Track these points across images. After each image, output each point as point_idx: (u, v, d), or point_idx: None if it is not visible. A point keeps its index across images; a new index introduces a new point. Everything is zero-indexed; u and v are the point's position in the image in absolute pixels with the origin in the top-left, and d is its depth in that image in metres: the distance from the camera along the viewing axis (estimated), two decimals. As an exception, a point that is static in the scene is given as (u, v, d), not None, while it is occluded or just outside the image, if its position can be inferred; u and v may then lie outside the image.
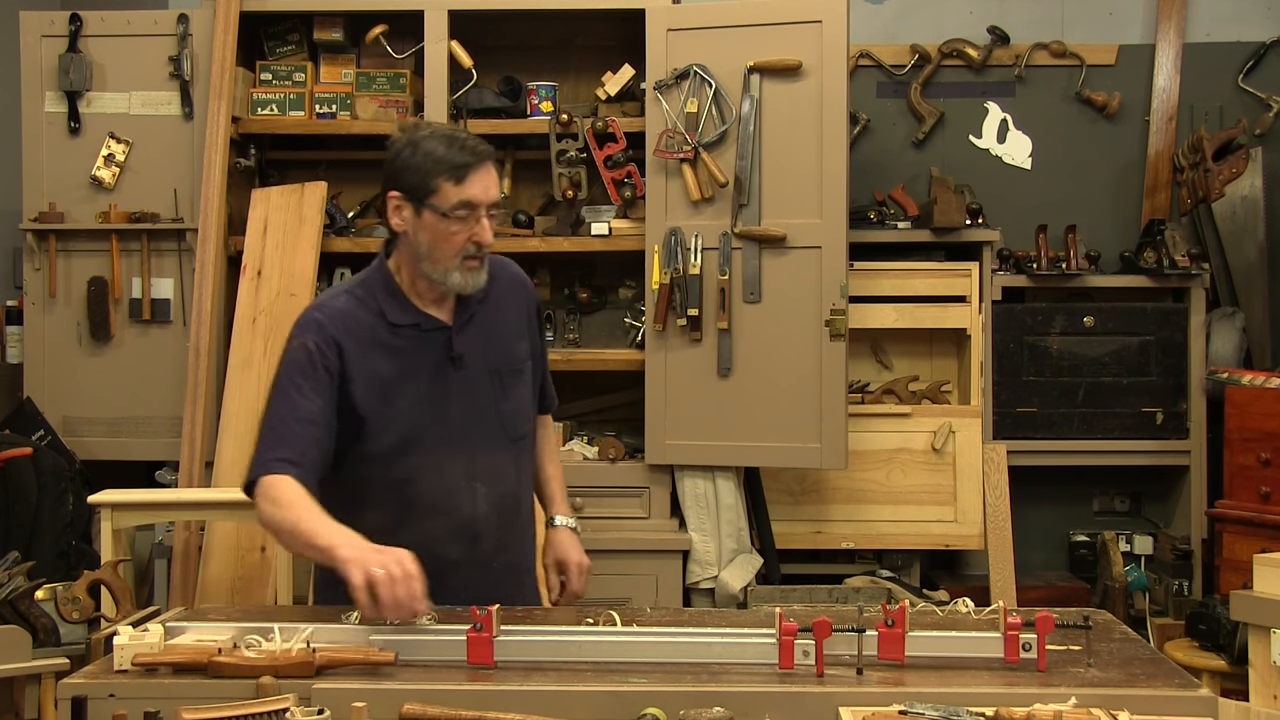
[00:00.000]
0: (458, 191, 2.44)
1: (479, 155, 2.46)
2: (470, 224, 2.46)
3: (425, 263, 2.49)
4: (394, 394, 2.50)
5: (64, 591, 3.30)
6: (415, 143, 2.47)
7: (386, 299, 2.54)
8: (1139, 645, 2.24)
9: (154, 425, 4.40)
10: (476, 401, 2.57)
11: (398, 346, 2.52)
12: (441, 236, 2.46)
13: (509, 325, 2.64)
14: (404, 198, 2.47)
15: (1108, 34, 5.08)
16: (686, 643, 2.11)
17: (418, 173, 2.45)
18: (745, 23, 4.14)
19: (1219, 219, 4.90)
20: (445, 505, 2.53)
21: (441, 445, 2.53)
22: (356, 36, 4.50)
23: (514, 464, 2.64)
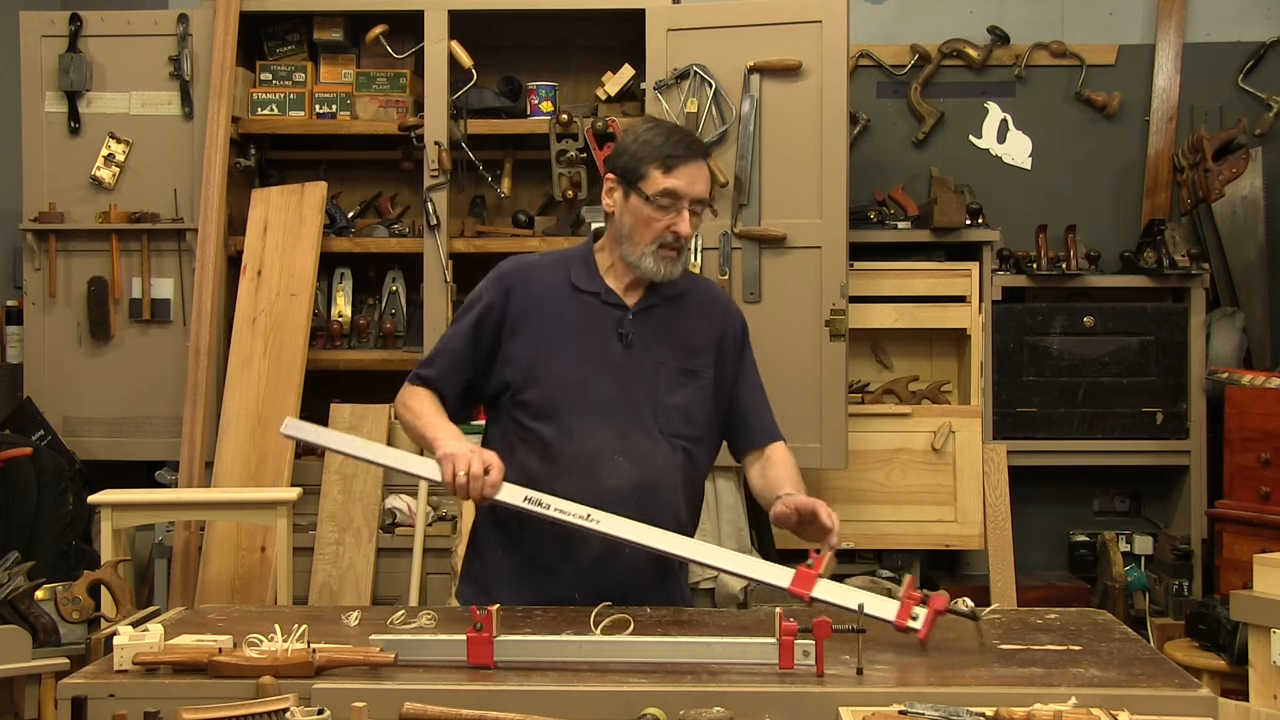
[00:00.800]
0: (665, 180, 2.52)
1: (693, 150, 2.56)
2: (671, 214, 2.53)
3: (625, 245, 2.58)
4: (553, 352, 2.59)
5: (64, 591, 3.31)
6: (636, 131, 2.59)
7: (579, 266, 2.64)
8: (1139, 645, 2.24)
9: (154, 425, 4.41)
10: (638, 384, 2.59)
11: (572, 309, 2.60)
12: (643, 221, 2.54)
13: (694, 331, 2.67)
14: (617, 180, 2.58)
15: (1108, 34, 5.08)
16: (686, 643, 2.11)
17: (633, 157, 2.55)
18: (745, 23, 4.14)
19: (1219, 219, 4.90)
20: (587, 471, 2.54)
21: (592, 412, 2.57)
22: (356, 36, 4.50)
23: (668, 459, 2.61)
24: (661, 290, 2.62)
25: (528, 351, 2.60)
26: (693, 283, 2.72)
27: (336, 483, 4.22)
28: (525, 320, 2.61)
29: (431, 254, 4.32)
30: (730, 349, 2.72)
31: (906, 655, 2.16)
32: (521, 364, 2.60)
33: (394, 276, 4.59)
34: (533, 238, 4.45)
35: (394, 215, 4.67)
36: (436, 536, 4.12)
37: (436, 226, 4.31)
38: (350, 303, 4.57)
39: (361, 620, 2.35)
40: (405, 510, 4.21)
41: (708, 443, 2.71)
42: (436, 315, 4.31)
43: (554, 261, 2.69)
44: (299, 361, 4.20)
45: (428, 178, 4.32)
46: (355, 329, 4.55)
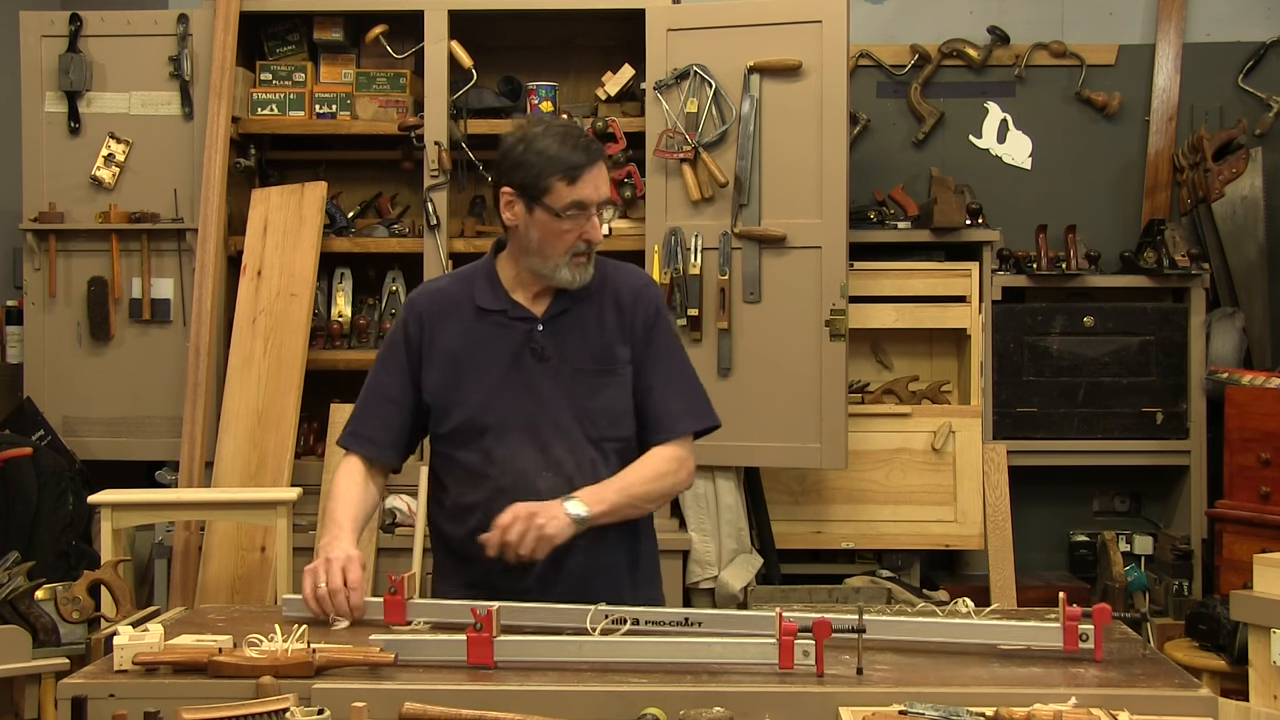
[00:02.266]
0: (571, 192, 2.47)
1: (591, 155, 2.49)
2: (581, 222, 2.48)
3: (535, 258, 2.52)
4: (466, 376, 2.55)
5: (64, 591, 3.31)
6: (529, 140, 2.50)
7: (482, 284, 2.59)
8: (1139, 645, 2.24)
9: (154, 425, 4.41)
10: (556, 395, 2.54)
11: (480, 331, 2.56)
12: (553, 234, 2.49)
13: (610, 327, 2.59)
14: (516, 194, 2.50)
15: (1108, 34, 5.08)
16: (686, 643, 2.11)
17: (531, 171, 2.47)
18: (745, 23, 4.14)
19: (1219, 219, 4.90)
20: (516, 493, 2.48)
21: (513, 433, 2.53)
22: (356, 36, 4.50)
23: (598, 466, 2.55)
24: (567, 295, 2.56)
25: (441, 380, 2.56)
26: (604, 275, 2.61)
27: (336, 483, 4.21)
28: (435, 348, 2.56)
29: (431, 254, 4.32)
30: (645, 336, 2.61)
31: (906, 655, 2.16)
32: (437, 393, 2.56)
33: (394, 276, 4.59)
34: (533, 238, 4.45)
35: (394, 215, 4.67)
36: (436, 536, 4.12)
37: (436, 226, 4.31)
38: (350, 303, 4.57)
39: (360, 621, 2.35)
40: (405, 510, 4.21)
41: (639, 439, 2.62)
42: (436, 315, 4.31)
43: (458, 283, 2.62)
44: (299, 361, 4.20)
45: (428, 178, 4.32)
46: (355, 329, 4.55)
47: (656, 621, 2.24)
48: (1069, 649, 2.12)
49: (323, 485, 4.19)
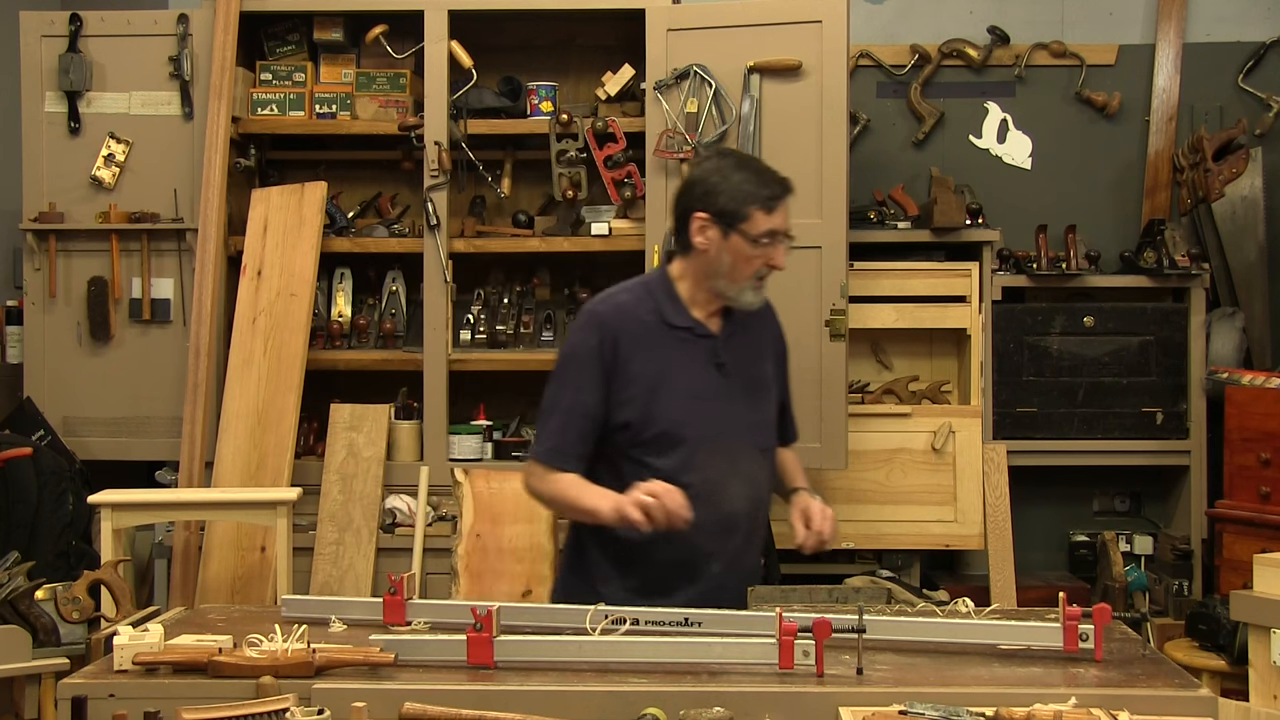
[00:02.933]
0: (767, 221, 2.65)
1: (786, 187, 2.70)
2: (769, 250, 2.66)
3: (722, 280, 2.69)
4: (662, 389, 2.70)
5: (64, 591, 3.31)
6: (724, 170, 2.69)
7: (665, 301, 2.74)
8: (1139, 645, 2.24)
9: (154, 425, 4.40)
10: (735, 407, 2.75)
11: (670, 346, 2.72)
12: (744, 259, 2.66)
13: (762, 347, 2.84)
14: (712, 220, 2.66)
15: (1108, 34, 5.08)
16: (686, 643, 2.11)
17: (732, 199, 2.65)
18: (745, 23, 4.14)
19: (1219, 219, 4.90)
20: (709, 498, 2.66)
21: (705, 442, 2.70)
22: (356, 36, 4.50)
23: (766, 472, 2.82)
24: (735, 314, 2.76)
25: (640, 391, 2.70)
26: None
27: (336, 483, 4.22)
28: (631, 361, 2.70)
29: (431, 254, 4.32)
30: (779, 353, 2.91)
31: (906, 655, 2.17)
32: (637, 404, 2.70)
33: (394, 276, 4.59)
34: (533, 238, 4.45)
35: (394, 215, 4.67)
36: (436, 536, 4.13)
37: (436, 226, 4.31)
38: (350, 303, 4.57)
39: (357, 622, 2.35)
40: (405, 510, 4.21)
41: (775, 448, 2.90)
42: (436, 315, 4.31)
43: (639, 298, 2.77)
44: (299, 361, 4.20)
45: (428, 178, 4.32)
46: (355, 329, 4.55)
47: (656, 621, 2.24)
48: (1069, 649, 2.12)
49: (323, 486, 4.20)
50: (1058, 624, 2.14)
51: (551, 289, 4.62)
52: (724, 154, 2.82)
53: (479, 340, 4.41)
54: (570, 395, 2.71)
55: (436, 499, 4.21)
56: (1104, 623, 2.13)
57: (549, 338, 4.45)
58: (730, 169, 2.69)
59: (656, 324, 2.72)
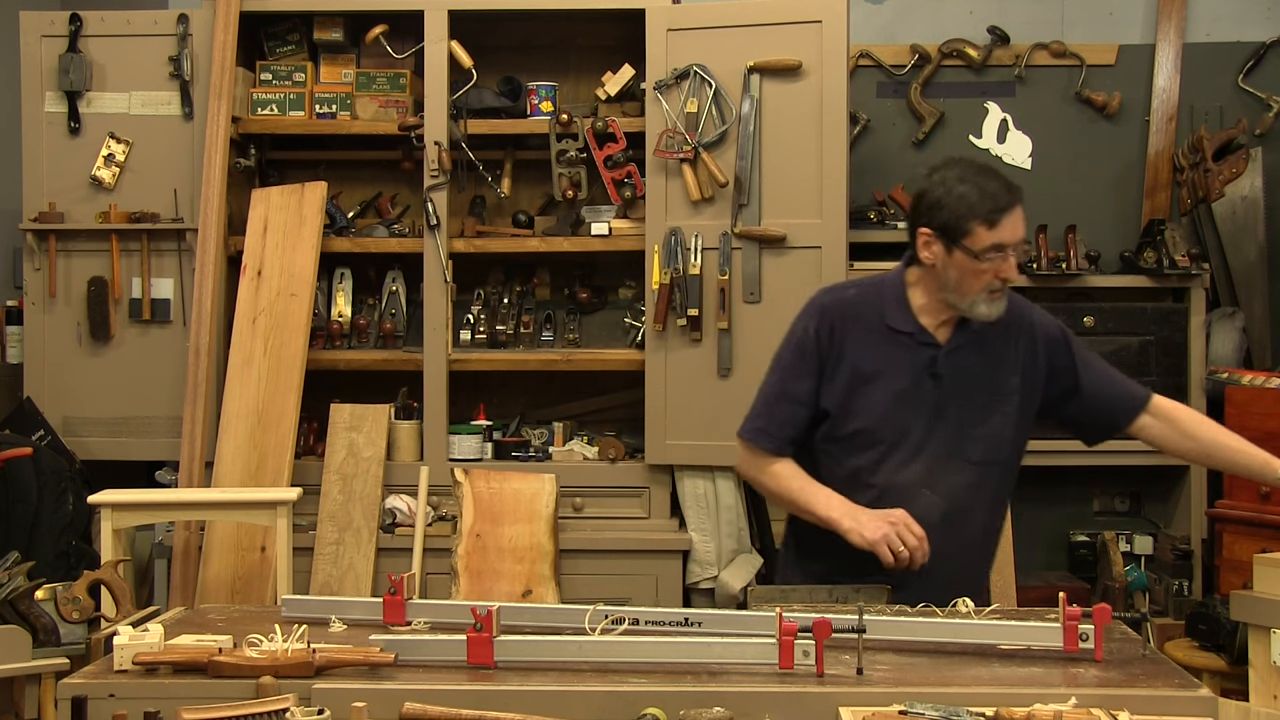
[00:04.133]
0: (991, 235, 2.61)
1: (1013, 197, 2.64)
2: (998, 262, 2.63)
3: (951, 294, 2.69)
4: (868, 389, 2.72)
5: (64, 591, 3.30)
6: (947, 183, 2.66)
7: (892, 304, 2.75)
8: (1139, 645, 2.24)
9: (154, 425, 4.40)
10: (948, 419, 2.73)
11: (886, 348, 2.73)
12: (971, 274, 2.64)
13: (1003, 359, 2.78)
14: (935, 235, 2.66)
15: (1108, 34, 5.08)
16: (686, 643, 2.11)
17: (952, 214, 2.63)
18: (745, 23, 4.14)
19: (1219, 219, 4.90)
20: (894, 503, 2.68)
21: (901, 449, 2.72)
22: (356, 36, 4.50)
23: (975, 488, 2.76)
24: (970, 325, 2.72)
25: (844, 385, 2.74)
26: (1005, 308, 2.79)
27: (336, 483, 4.22)
28: (843, 355, 2.74)
29: (431, 254, 4.32)
30: (1042, 360, 2.80)
31: (906, 655, 2.17)
32: (839, 396, 2.74)
33: (394, 276, 4.59)
34: (533, 238, 4.45)
35: (394, 215, 4.67)
36: (436, 536, 4.13)
37: (436, 226, 4.31)
38: (350, 303, 4.57)
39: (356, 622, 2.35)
40: (405, 510, 4.21)
41: (1013, 460, 2.85)
42: (436, 315, 4.31)
43: (868, 296, 2.79)
44: (299, 361, 4.20)
45: (428, 178, 4.32)
46: (355, 329, 4.55)
47: (656, 621, 2.24)
48: (1069, 649, 2.12)
49: (323, 486, 4.20)
50: (1058, 624, 2.14)
51: (551, 289, 4.62)
52: (951, 164, 2.74)
53: (479, 340, 4.41)
54: (780, 378, 2.79)
55: (436, 499, 4.21)
56: (1104, 623, 2.13)
57: (549, 338, 4.45)
58: (954, 181, 2.65)
59: (878, 324, 2.74)
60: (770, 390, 2.83)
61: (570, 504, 4.23)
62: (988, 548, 2.91)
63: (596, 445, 4.35)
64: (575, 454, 4.33)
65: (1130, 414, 2.86)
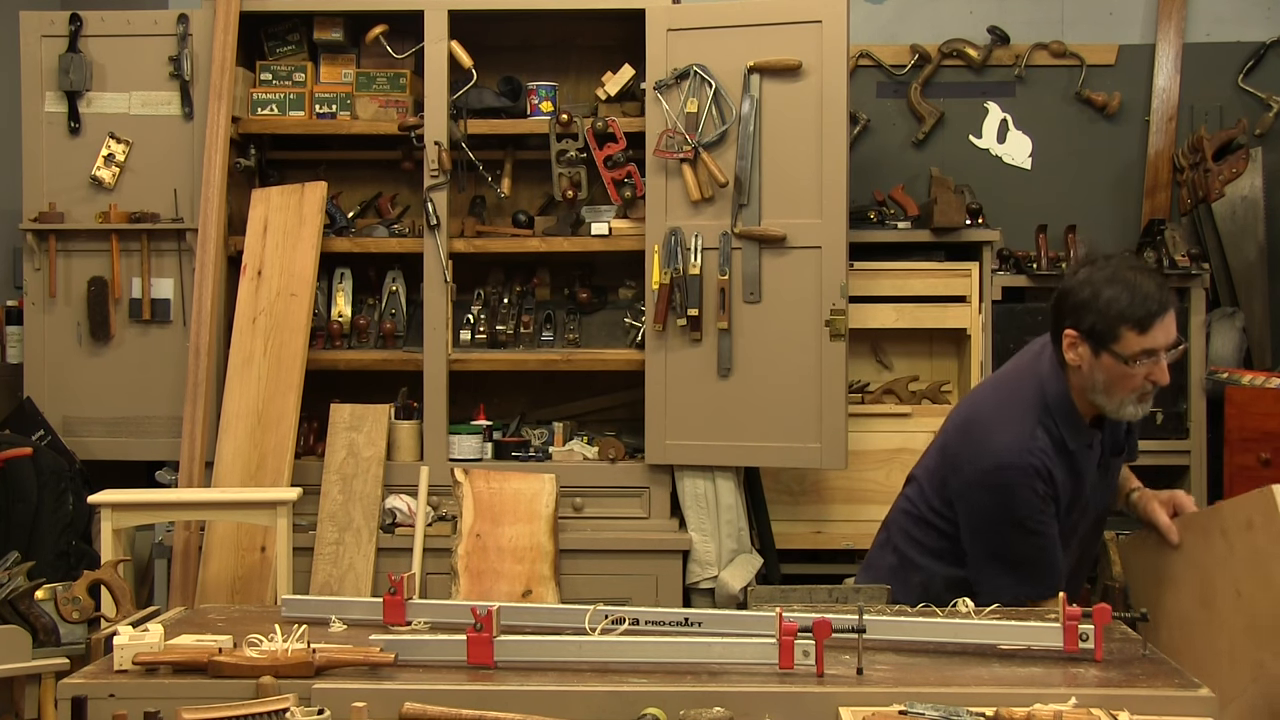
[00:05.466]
0: (1141, 341, 2.58)
1: (1164, 304, 2.59)
2: (1150, 366, 2.61)
3: (1100, 396, 2.67)
4: (1071, 508, 2.79)
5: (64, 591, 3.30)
6: (1095, 285, 2.62)
7: (1066, 426, 2.72)
8: (1139, 645, 2.24)
9: (154, 425, 4.40)
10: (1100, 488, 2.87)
11: (1077, 467, 2.75)
12: (1121, 377, 2.62)
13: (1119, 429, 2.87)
14: (1082, 337, 2.64)
15: (1108, 34, 5.08)
16: (686, 643, 2.11)
17: (1101, 319, 2.60)
18: (745, 23, 4.14)
19: (1219, 219, 4.90)
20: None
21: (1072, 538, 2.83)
22: (356, 36, 4.50)
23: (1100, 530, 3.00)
24: None
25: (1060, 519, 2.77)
26: None
27: (336, 483, 4.22)
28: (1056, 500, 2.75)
29: (431, 254, 4.32)
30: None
31: (906, 655, 2.17)
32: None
33: (394, 276, 4.59)
34: (533, 238, 4.45)
35: (394, 215, 4.67)
36: (436, 536, 4.13)
37: (436, 226, 4.31)
38: (350, 303, 4.57)
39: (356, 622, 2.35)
40: (405, 510, 4.21)
41: None
42: (436, 315, 4.31)
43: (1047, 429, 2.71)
44: (299, 361, 4.20)
45: (428, 178, 4.32)
46: (355, 329, 4.55)
47: (656, 621, 2.24)
48: (1069, 649, 2.12)
49: (323, 486, 4.20)
50: (1058, 624, 2.14)
51: (551, 289, 4.62)
52: (1097, 264, 2.69)
53: (479, 340, 4.41)
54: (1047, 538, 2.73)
55: (436, 499, 4.21)
56: (1104, 623, 2.13)
57: (549, 338, 4.45)
58: (1102, 284, 2.60)
59: (1065, 452, 2.72)
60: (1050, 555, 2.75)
61: (570, 504, 4.23)
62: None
63: (596, 445, 4.35)
64: (575, 454, 4.33)
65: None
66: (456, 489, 4.08)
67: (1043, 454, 2.68)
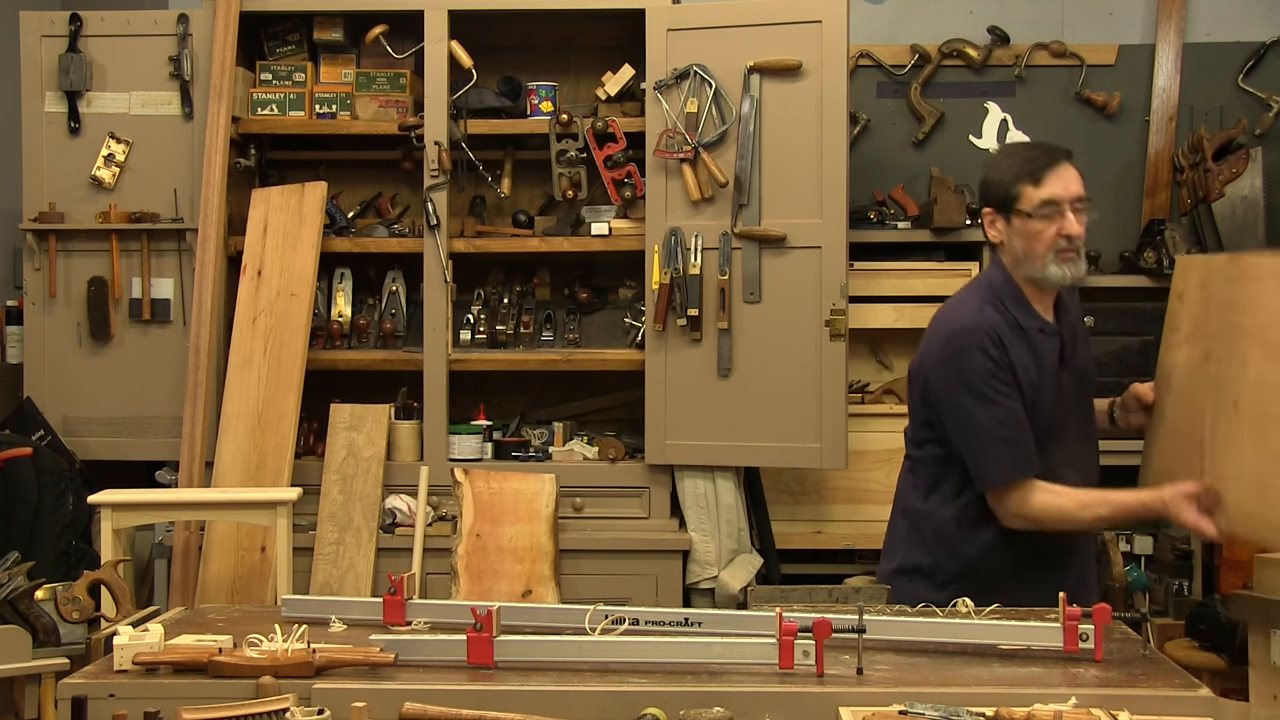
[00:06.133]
0: (1038, 193, 2.67)
1: (1053, 155, 2.70)
2: (1056, 220, 2.66)
3: (1025, 265, 2.72)
4: (1035, 392, 2.74)
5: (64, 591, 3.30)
6: (995, 161, 2.78)
7: (1016, 306, 2.75)
8: (1139, 645, 2.24)
9: (154, 425, 4.40)
10: (1072, 399, 2.81)
11: (1032, 348, 2.75)
12: (1032, 236, 2.68)
13: (1082, 332, 2.88)
14: (995, 211, 2.74)
15: (1108, 34, 5.08)
16: (686, 643, 2.11)
17: (1000, 185, 2.72)
18: (745, 23, 4.14)
19: (1219, 219, 4.90)
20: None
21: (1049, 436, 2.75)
22: (356, 36, 4.50)
23: (1095, 460, 2.88)
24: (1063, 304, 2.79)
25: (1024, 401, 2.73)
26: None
27: (336, 483, 4.22)
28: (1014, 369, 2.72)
29: (431, 254, 4.32)
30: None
31: (906, 655, 2.17)
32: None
33: (394, 276, 4.59)
34: (533, 238, 4.45)
35: (394, 215, 4.67)
36: (436, 536, 4.13)
37: (436, 226, 4.31)
38: (350, 303, 4.57)
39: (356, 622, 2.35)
40: (405, 510, 4.21)
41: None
42: (436, 315, 4.31)
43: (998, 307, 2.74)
44: (299, 361, 4.20)
45: (428, 178, 4.32)
46: (355, 329, 4.55)
47: (656, 621, 2.24)
48: (1069, 649, 2.12)
49: (323, 486, 4.20)
50: (1058, 624, 2.14)
51: (551, 289, 4.62)
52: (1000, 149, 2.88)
53: (479, 340, 4.41)
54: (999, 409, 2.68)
55: (436, 499, 4.21)
56: (1104, 623, 2.13)
57: (549, 338, 4.45)
58: (1000, 158, 2.77)
59: (1024, 329, 2.74)
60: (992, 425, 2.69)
61: (570, 504, 4.23)
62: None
63: (596, 445, 4.35)
64: (575, 454, 4.33)
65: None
66: (456, 489, 4.08)
67: (992, 323, 2.75)
